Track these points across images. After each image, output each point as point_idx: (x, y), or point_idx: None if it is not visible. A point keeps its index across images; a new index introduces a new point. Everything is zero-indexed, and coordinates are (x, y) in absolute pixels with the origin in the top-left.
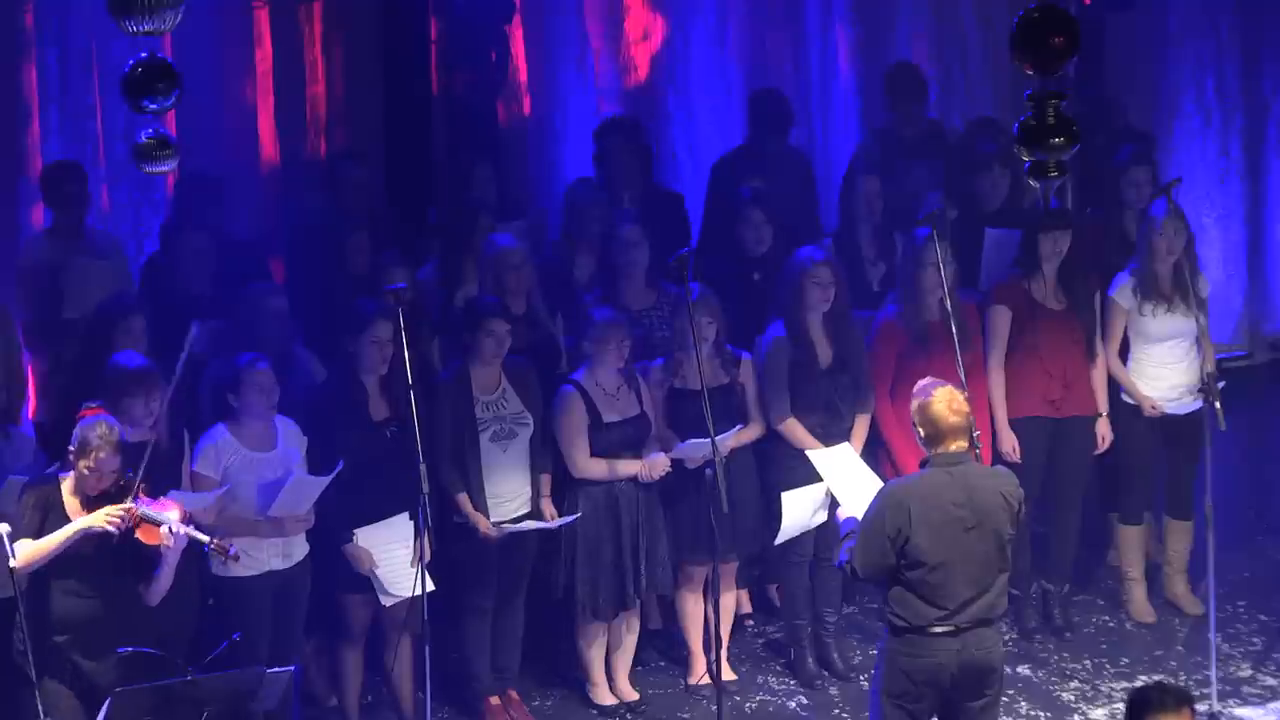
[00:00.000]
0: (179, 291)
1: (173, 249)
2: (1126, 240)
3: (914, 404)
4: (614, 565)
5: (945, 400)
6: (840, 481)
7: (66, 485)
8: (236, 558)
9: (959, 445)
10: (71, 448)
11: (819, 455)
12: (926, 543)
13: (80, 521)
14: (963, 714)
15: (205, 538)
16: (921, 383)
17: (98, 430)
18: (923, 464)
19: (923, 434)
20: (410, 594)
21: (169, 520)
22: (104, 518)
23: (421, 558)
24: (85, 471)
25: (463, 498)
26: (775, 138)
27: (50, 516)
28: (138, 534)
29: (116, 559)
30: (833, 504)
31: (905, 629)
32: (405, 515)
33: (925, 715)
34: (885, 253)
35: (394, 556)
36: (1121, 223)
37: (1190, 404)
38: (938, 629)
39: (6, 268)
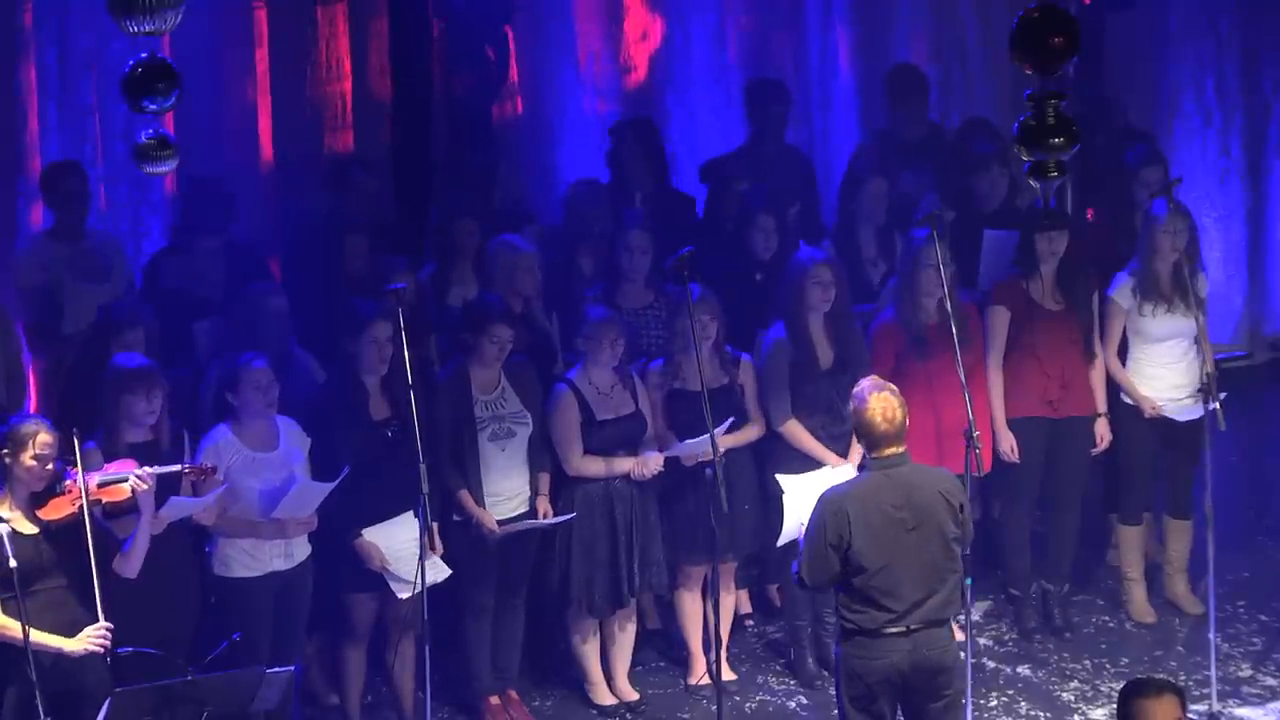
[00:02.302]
0: (185, 292)
1: (185, 251)
2: (1135, 239)
3: (850, 406)
4: (609, 563)
5: (879, 409)
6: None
7: (2, 507)
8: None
9: (893, 451)
10: (4, 452)
11: (790, 481)
12: (868, 546)
13: (59, 643)
14: (926, 715)
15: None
16: (861, 384)
17: (26, 423)
18: (860, 467)
19: (859, 435)
20: (424, 584)
21: (129, 472)
22: (85, 641)
23: (423, 555)
24: (32, 463)
25: (464, 495)
26: (775, 122)
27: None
28: (105, 500)
29: (79, 553)
30: None
31: (856, 632)
32: (411, 514)
33: (889, 712)
34: (886, 252)
35: (404, 551)
36: (1131, 223)
37: (1191, 410)
38: (889, 630)
39: (4, 267)
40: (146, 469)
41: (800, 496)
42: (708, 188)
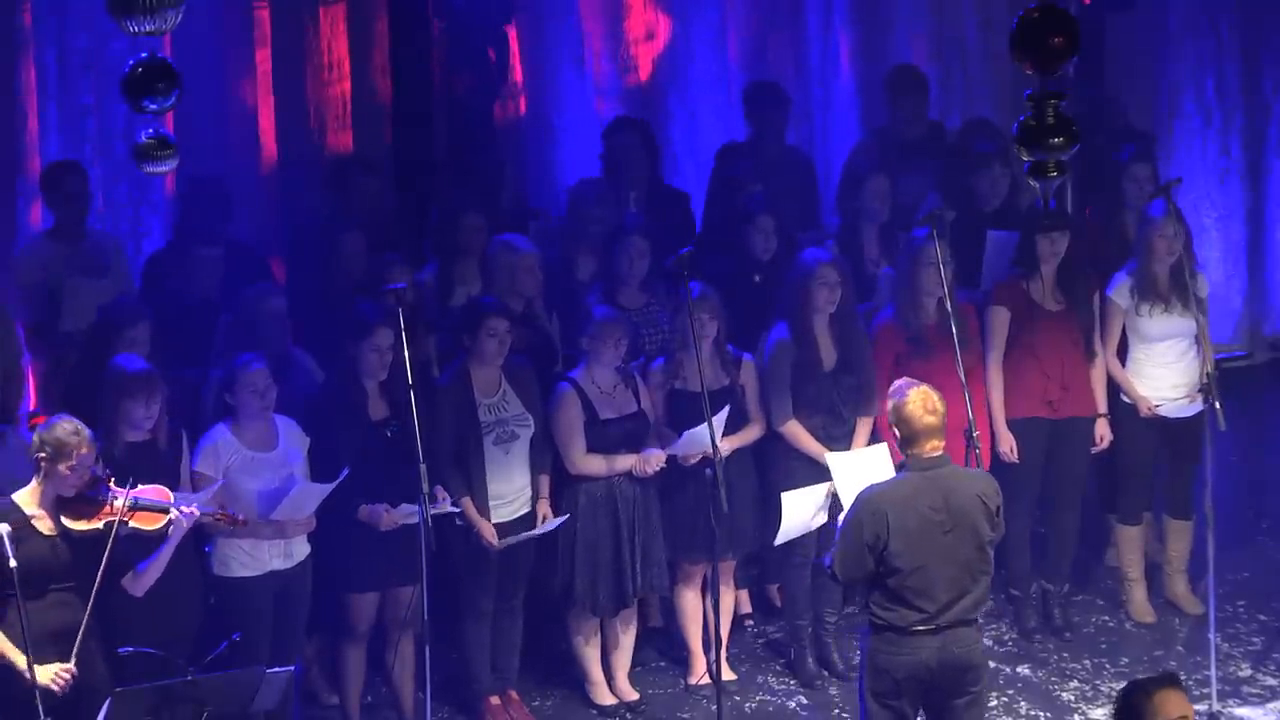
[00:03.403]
0: (184, 293)
1: (184, 255)
2: (1126, 239)
3: (889, 404)
4: (613, 563)
5: (919, 401)
6: (853, 486)
7: (27, 501)
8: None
9: (934, 446)
10: (41, 455)
11: (838, 459)
12: (904, 548)
13: (21, 664)
14: (949, 711)
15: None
16: (897, 383)
17: (67, 428)
18: (899, 467)
19: (898, 435)
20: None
21: (170, 504)
22: (50, 677)
23: (425, 552)
24: (67, 472)
25: (466, 502)
26: (774, 128)
27: (23, 543)
28: (134, 524)
29: (94, 563)
30: (834, 505)
31: (885, 627)
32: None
33: (910, 712)
34: (890, 252)
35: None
36: (1122, 221)
37: (1189, 408)
38: (918, 628)
39: (4, 267)
40: (191, 509)
41: (801, 501)
42: (713, 170)
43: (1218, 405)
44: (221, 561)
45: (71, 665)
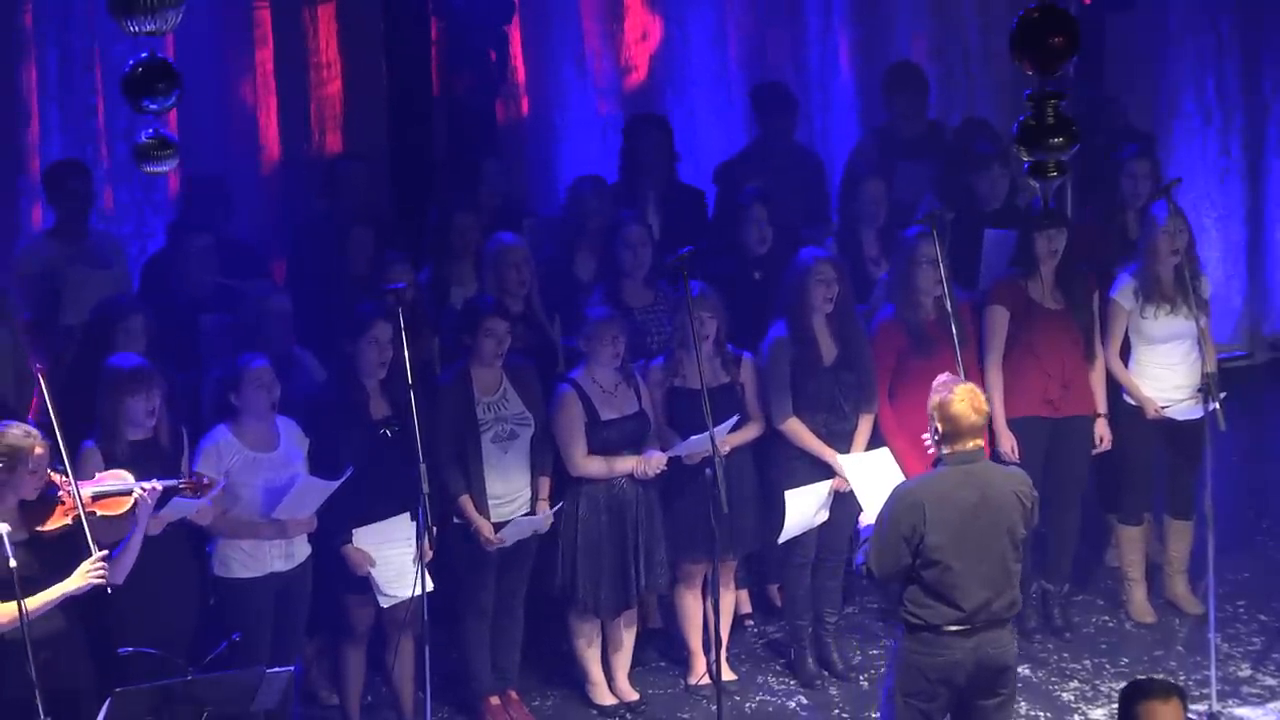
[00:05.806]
0: (182, 291)
1: (177, 249)
2: (1126, 238)
3: (934, 400)
4: (616, 564)
5: (967, 399)
6: (867, 488)
7: None
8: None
9: (975, 444)
10: None
11: (851, 460)
12: (942, 542)
13: (62, 587)
14: (976, 712)
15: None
16: (941, 378)
17: (17, 432)
18: (936, 462)
19: (940, 430)
20: (408, 595)
21: (131, 484)
22: (86, 576)
23: (421, 557)
24: (27, 476)
25: (465, 501)
26: (782, 129)
27: None
28: (101, 512)
29: (68, 564)
30: (834, 503)
31: (921, 627)
32: (406, 515)
33: (939, 714)
34: (889, 251)
35: (392, 557)
36: (1122, 220)
37: (1195, 410)
38: (953, 628)
39: (5, 268)
40: (152, 483)
41: (805, 499)
42: (719, 190)
43: (1218, 406)
44: (222, 562)
45: (100, 552)
